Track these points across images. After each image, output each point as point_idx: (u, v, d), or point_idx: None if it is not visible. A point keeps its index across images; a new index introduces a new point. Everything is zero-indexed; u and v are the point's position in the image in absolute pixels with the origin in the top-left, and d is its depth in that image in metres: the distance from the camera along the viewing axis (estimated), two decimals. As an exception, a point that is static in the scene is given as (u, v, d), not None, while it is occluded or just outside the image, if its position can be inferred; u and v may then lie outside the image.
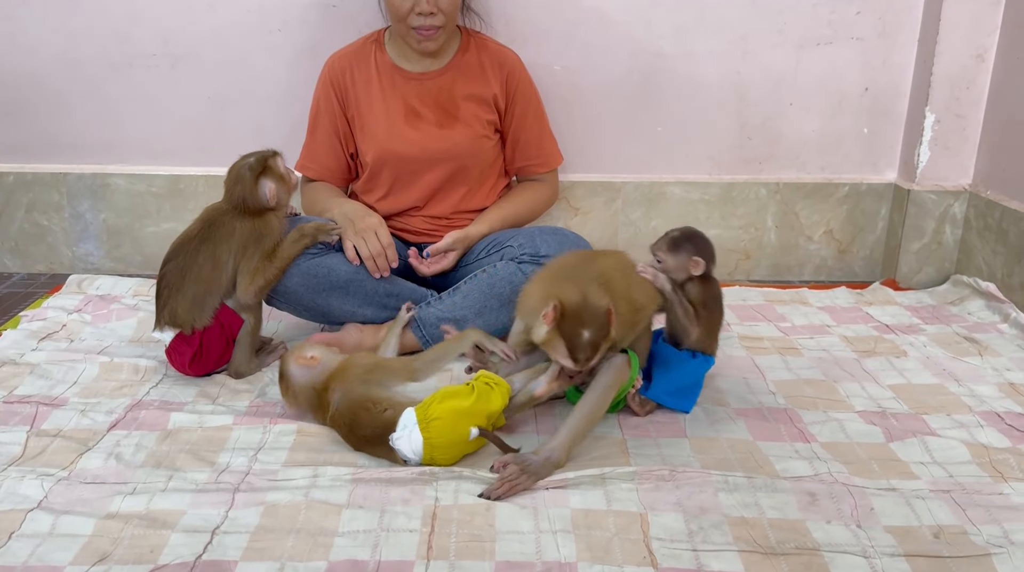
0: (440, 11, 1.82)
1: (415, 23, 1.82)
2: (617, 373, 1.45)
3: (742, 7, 2.27)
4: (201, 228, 1.68)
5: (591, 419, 1.43)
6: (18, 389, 1.64)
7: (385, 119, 1.94)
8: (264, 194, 1.69)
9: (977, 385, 1.72)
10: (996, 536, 1.22)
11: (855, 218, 2.44)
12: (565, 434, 1.40)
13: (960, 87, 2.25)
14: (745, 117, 2.37)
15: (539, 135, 2.07)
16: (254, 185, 1.68)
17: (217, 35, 2.26)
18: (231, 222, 1.68)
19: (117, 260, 2.44)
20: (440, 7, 1.81)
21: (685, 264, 1.54)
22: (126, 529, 1.21)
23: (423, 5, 1.79)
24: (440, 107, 1.95)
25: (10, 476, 1.33)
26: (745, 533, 1.22)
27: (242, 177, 1.69)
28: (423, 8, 1.80)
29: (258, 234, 1.69)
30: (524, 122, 2.03)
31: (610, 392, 1.44)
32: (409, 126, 1.94)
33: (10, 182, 2.38)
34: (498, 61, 1.98)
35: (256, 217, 1.70)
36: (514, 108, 2.01)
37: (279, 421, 1.53)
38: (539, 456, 1.36)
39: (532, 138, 2.05)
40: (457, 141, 1.95)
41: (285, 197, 1.75)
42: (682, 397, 1.59)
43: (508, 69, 1.99)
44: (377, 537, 1.21)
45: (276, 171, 1.72)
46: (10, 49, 2.28)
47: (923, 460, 1.43)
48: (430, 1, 1.79)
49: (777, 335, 1.99)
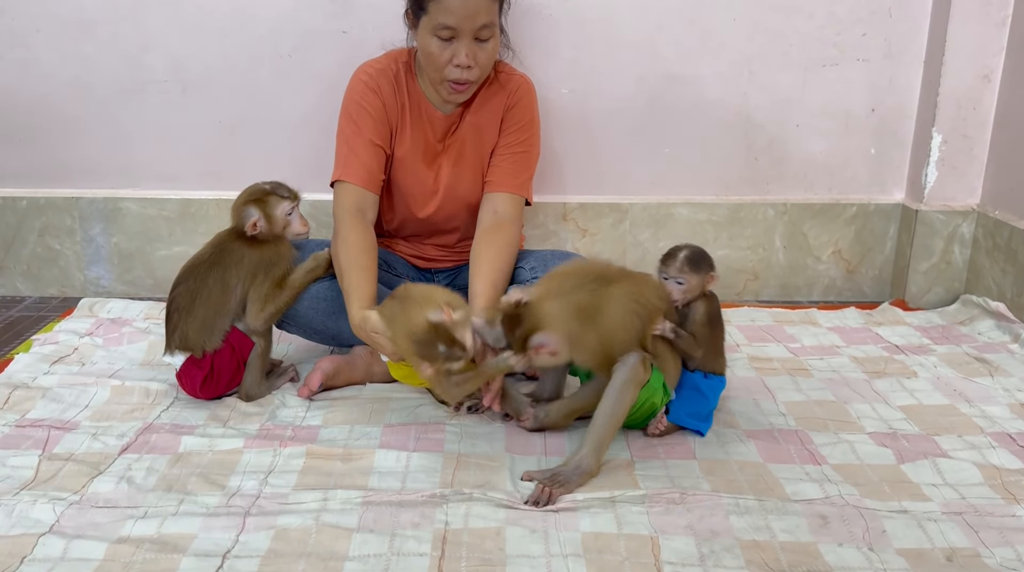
0: (477, 65, 1.72)
1: (451, 76, 1.73)
2: (631, 371, 1.42)
3: (748, 29, 2.28)
4: (212, 253, 1.69)
5: (613, 422, 1.43)
6: (30, 413, 1.65)
7: (411, 155, 1.88)
8: (245, 219, 1.69)
9: (988, 405, 1.72)
10: (1010, 559, 1.22)
11: (863, 238, 2.44)
12: (589, 442, 1.42)
13: (967, 107, 2.26)
14: (752, 138, 2.38)
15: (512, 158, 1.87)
16: (242, 206, 1.70)
17: (228, 60, 2.29)
18: (241, 248, 1.69)
19: (128, 283, 2.46)
20: (478, 61, 1.71)
21: (704, 281, 1.55)
22: (137, 553, 1.22)
23: (462, 58, 1.69)
24: (453, 149, 1.89)
25: (22, 500, 1.34)
26: (757, 556, 1.22)
27: (240, 195, 1.72)
28: (461, 61, 1.70)
29: (267, 262, 1.70)
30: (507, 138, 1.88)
31: (627, 391, 1.42)
32: (425, 164, 1.89)
33: (23, 206, 2.40)
34: (507, 91, 1.88)
35: (265, 244, 1.71)
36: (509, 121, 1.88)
37: (289, 444, 1.53)
38: (568, 466, 1.39)
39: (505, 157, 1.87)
40: (467, 188, 1.89)
41: (269, 234, 1.71)
42: (700, 419, 1.59)
43: (511, 92, 1.88)
44: (387, 561, 1.21)
45: (268, 208, 1.70)
46: (24, 75, 2.31)
47: (934, 482, 1.43)
48: (469, 54, 1.69)
49: (787, 356, 1.99)
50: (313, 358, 1.93)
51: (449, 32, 1.68)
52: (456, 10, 1.65)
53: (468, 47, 1.69)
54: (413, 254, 2.01)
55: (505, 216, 1.82)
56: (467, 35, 1.69)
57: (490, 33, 1.71)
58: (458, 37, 1.69)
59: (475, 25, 1.67)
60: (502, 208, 1.83)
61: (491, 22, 1.70)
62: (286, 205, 1.72)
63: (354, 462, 1.48)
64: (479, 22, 1.67)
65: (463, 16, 1.66)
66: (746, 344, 2.06)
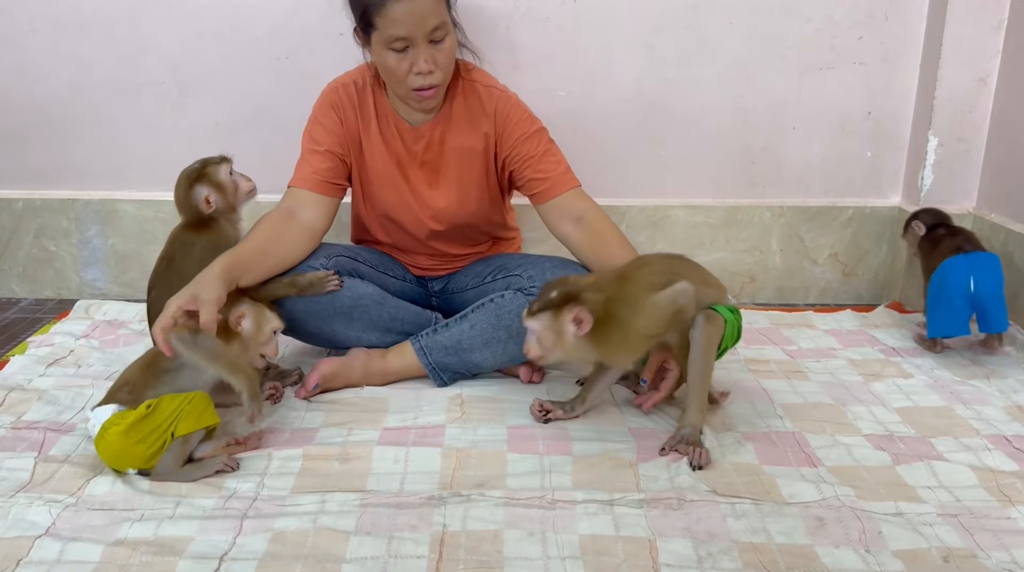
0: (438, 67, 1.70)
1: (415, 84, 1.70)
2: (704, 333, 1.52)
3: (744, 33, 2.29)
4: (166, 248, 1.71)
5: (706, 382, 1.55)
6: (26, 415, 1.65)
7: (383, 168, 1.86)
8: (197, 200, 1.69)
9: (984, 408, 1.72)
10: (1005, 561, 1.22)
11: (860, 241, 2.45)
12: (693, 404, 1.53)
13: (963, 111, 2.27)
14: (748, 141, 2.38)
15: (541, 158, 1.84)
16: (188, 191, 1.70)
17: (225, 62, 2.29)
18: (190, 236, 1.71)
19: (125, 285, 2.46)
20: (437, 63, 1.69)
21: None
22: (134, 556, 1.21)
23: (421, 64, 1.67)
24: (428, 165, 1.86)
25: (18, 502, 1.33)
26: (754, 559, 1.22)
27: (179, 183, 1.72)
28: (421, 68, 1.67)
29: (213, 246, 1.69)
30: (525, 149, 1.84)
31: (709, 351, 1.52)
32: (403, 178, 1.87)
33: (19, 208, 2.40)
34: (484, 102, 1.83)
35: (207, 228, 1.71)
36: (509, 141, 1.83)
37: (284, 448, 1.53)
38: (685, 430, 1.51)
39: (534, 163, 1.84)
40: (443, 206, 1.87)
41: (224, 204, 1.72)
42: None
43: (494, 106, 1.83)
44: (385, 564, 1.20)
45: (213, 178, 1.71)
46: (20, 76, 2.30)
47: (930, 484, 1.43)
48: (427, 60, 1.67)
49: (784, 358, 1.99)
50: (309, 360, 1.93)
51: (403, 43, 1.66)
52: (404, 19, 1.63)
53: (425, 52, 1.67)
54: (408, 263, 2.02)
55: (582, 211, 1.80)
56: (421, 41, 1.66)
57: (444, 32, 1.69)
58: (412, 45, 1.67)
59: (426, 29, 1.65)
60: (572, 207, 1.81)
61: (442, 22, 1.68)
62: (224, 167, 1.73)
63: (352, 464, 1.47)
64: (430, 24, 1.65)
65: (412, 23, 1.64)
66: (743, 347, 2.05)
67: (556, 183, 1.81)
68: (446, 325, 1.81)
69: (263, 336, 1.61)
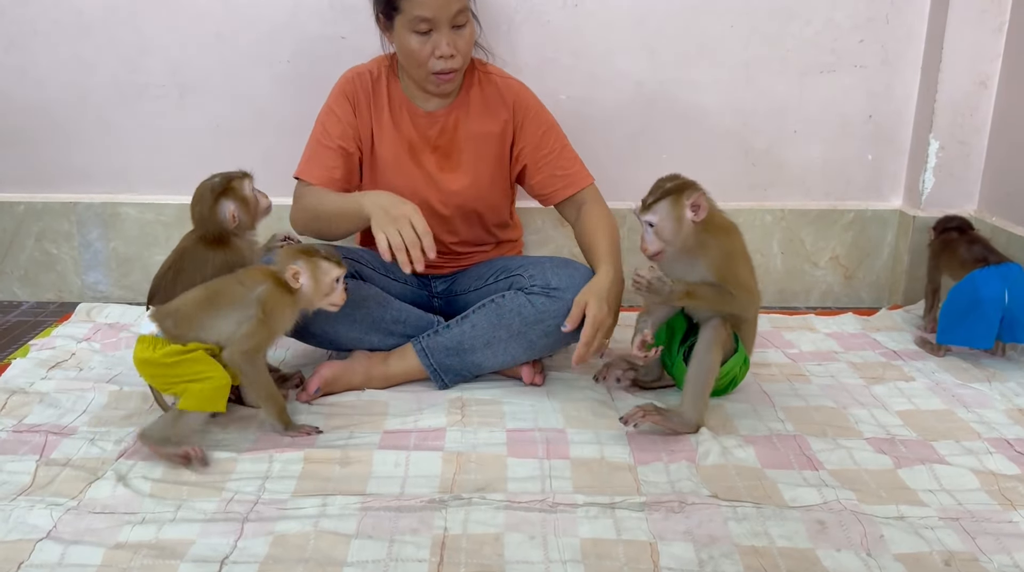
0: (459, 52, 1.75)
1: (436, 67, 1.75)
2: (714, 332, 1.57)
3: (745, 36, 2.29)
4: (175, 258, 1.66)
5: (704, 378, 1.57)
6: (27, 418, 1.65)
7: (393, 154, 1.89)
8: (224, 215, 1.65)
9: (985, 411, 1.72)
10: (1007, 565, 1.22)
11: (861, 244, 2.45)
12: (688, 397, 1.57)
13: (964, 114, 2.27)
14: (749, 144, 2.39)
15: (560, 154, 1.91)
16: (214, 206, 1.65)
17: (226, 65, 2.29)
18: (204, 251, 1.65)
19: (126, 288, 2.46)
20: (458, 48, 1.75)
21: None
22: (135, 559, 1.21)
23: (443, 48, 1.73)
24: (441, 150, 1.90)
25: (19, 506, 1.33)
26: (755, 562, 1.22)
27: (203, 198, 1.66)
28: (444, 51, 1.73)
29: (228, 265, 1.64)
30: (543, 144, 1.90)
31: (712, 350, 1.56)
32: (415, 164, 1.89)
33: (21, 211, 2.40)
34: (503, 92, 1.90)
35: (224, 246, 1.66)
36: (526, 134, 1.90)
37: (286, 450, 1.53)
38: (672, 413, 1.56)
39: (554, 158, 1.91)
40: (456, 189, 1.90)
41: (247, 220, 1.69)
42: None
43: (513, 97, 1.90)
44: (386, 567, 1.20)
45: (239, 193, 1.67)
46: (21, 79, 2.31)
47: (931, 487, 1.43)
48: (449, 43, 1.73)
49: (785, 361, 1.99)
50: (311, 363, 1.93)
51: (427, 25, 1.72)
52: (430, 2, 1.69)
53: (448, 36, 1.73)
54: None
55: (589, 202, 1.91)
56: (444, 24, 1.72)
57: (465, 18, 1.76)
58: (436, 28, 1.72)
59: (450, 13, 1.71)
60: (582, 200, 1.91)
61: (464, 7, 1.74)
62: (248, 183, 1.70)
63: (352, 467, 1.47)
64: (454, 8, 1.71)
65: (438, 6, 1.70)
66: (744, 349, 2.06)
67: (575, 180, 1.92)
68: (447, 326, 1.81)
69: (325, 287, 1.58)
